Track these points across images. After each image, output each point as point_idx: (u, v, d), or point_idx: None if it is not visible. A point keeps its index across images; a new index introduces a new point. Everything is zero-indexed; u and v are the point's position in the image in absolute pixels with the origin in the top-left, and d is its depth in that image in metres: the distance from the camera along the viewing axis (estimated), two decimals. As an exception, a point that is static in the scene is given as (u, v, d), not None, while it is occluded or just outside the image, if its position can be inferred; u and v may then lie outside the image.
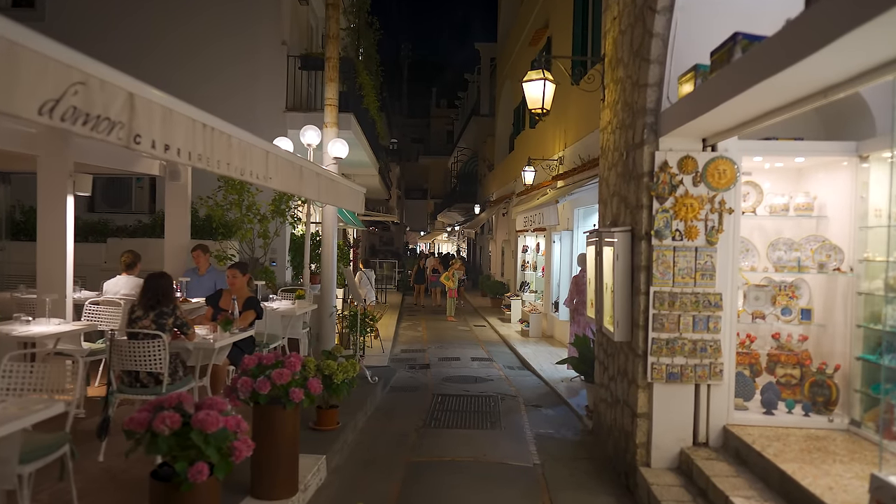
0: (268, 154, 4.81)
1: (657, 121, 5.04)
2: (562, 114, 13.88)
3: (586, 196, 11.23)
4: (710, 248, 4.95)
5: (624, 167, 5.71)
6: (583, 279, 9.50)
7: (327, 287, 9.40)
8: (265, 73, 11.55)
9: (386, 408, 7.80)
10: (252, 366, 4.47)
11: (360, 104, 13.22)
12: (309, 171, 5.76)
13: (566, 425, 7.22)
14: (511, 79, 22.46)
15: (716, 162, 4.92)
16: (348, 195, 7.16)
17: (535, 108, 6.88)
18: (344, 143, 8.58)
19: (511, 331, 15.26)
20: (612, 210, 6.21)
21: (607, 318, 5.83)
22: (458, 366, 10.99)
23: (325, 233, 9.38)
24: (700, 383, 5.00)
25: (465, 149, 35.66)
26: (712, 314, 4.96)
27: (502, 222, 22.89)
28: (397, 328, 15.50)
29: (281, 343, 7.11)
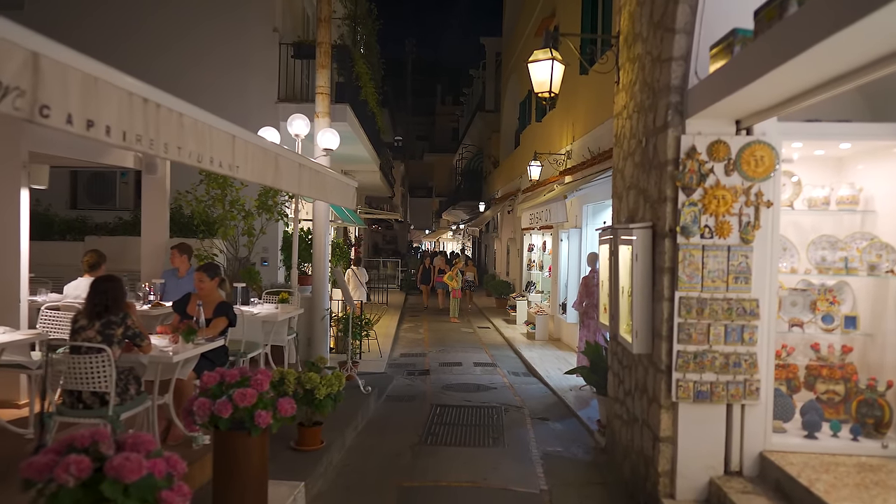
0: (234, 139, 4.16)
1: (683, 100, 4.38)
2: (570, 105, 13.20)
3: (596, 191, 10.56)
4: (745, 247, 4.29)
5: (643, 156, 5.05)
6: (593, 280, 8.84)
7: (319, 288, 8.77)
8: (255, 62, 10.91)
9: (379, 421, 7.16)
10: (212, 384, 3.83)
11: (357, 96, 12.58)
12: (287, 161, 5.12)
13: (576, 442, 6.57)
14: (516, 73, 21.78)
15: (752, 147, 4.25)
16: (336, 189, 6.52)
17: (541, 92, 6.22)
18: (335, 133, 7.94)
19: (516, 333, 14.60)
20: (628, 205, 5.54)
21: (623, 326, 5.17)
22: (459, 372, 10.35)
23: (317, 230, 8.75)
24: (733, 403, 4.34)
25: (471, 145, 35.03)
26: (747, 323, 4.29)
27: (507, 220, 22.22)
28: (398, 330, 14.86)
29: (262, 352, 6.48)
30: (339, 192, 6.71)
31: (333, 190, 6.47)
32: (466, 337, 14.52)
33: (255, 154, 4.52)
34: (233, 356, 5.82)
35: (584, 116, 11.93)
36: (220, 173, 4.25)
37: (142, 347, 4.12)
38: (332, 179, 6.44)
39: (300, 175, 5.47)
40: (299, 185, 5.48)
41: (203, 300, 5.25)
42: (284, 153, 5.10)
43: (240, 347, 5.88)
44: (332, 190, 6.44)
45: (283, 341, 6.98)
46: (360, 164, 17.09)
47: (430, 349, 12.61)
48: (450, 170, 47.40)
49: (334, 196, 6.53)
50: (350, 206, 7.03)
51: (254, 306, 6.77)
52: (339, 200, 6.75)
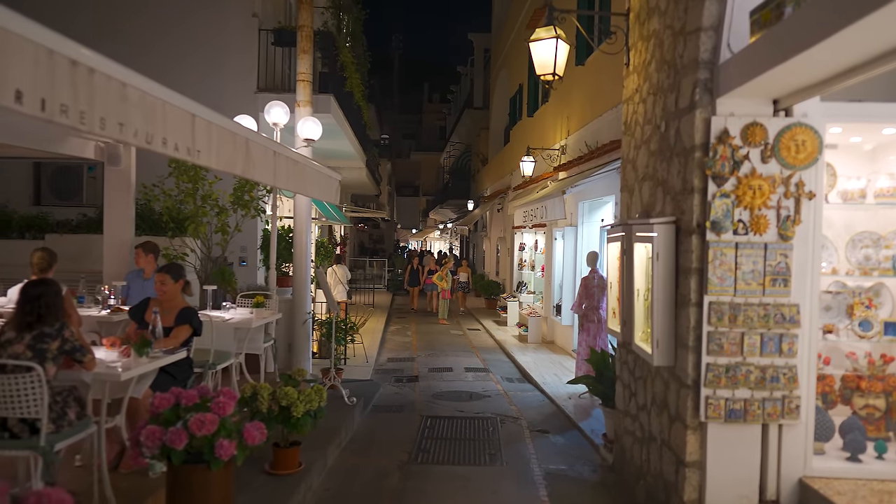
0: (194, 118, 3.56)
1: (713, 77, 3.82)
2: (564, 98, 12.66)
3: (593, 188, 10.03)
4: (784, 245, 3.74)
5: (661, 142, 4.49)
6: (593, 281, 8.31)
7: (300, 290, 8.15)
8: (233, 49, 10.26)
9: (364, 436, 6.56)
10: (165, 408, 3.22)
11: (342, 87, 11.96)
12: (260, 148, 4.52)
13: (581, 458, 6.01)
14: (506, 68, 21.25)
15: (792, 130, 3.71)
16: (317, 182, 5.92)
17: (544, 74, 5.65)
18: (317, 122, 7.33)
19: (508, 335, 14.04)
20: (641, 198, 4.99)
21: (640, 334, 4.61)
22: (450, 378, 9.77)
23: (298, 227, 8.13)
24: (769, 423, 3.79)
25: (458, 143, 34.46)
26: (786, 332, 3.75)
27: (497, 219, 21.68)
28: (385, 333, 14.25)
29: (235, 362, 5.86)
30: (321, 186, 6.11)
31: (314, 182, 5.87)
32: (456, 340, 13.94)
33: (222, 138, 3.91)
34: (200, 368, 5.20)
35: (581, 109, 11.40)
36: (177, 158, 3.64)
37: (84, 363, 3.50)
38: (313, 171, 5.83)
39: (276, 164, 4.87)
40: (275, 176, 4.88)
41: (164, 305, 4.63)
42: (257, 138, 4.49)
43: (208, 358, 5.26)
44: (313, 182, 5.84)
45: (258, 349, 6.36)
46: (345, 161, 16.44)
47: (419, 353, 12.02)
48: (437, 168, 46.87)
49: (315, 189, 5.93)
50: (333, 200, 6.43)
51: (226, 311, 6.14)
52: (320, 194, 6.15)
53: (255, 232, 9.65)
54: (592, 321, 8.26)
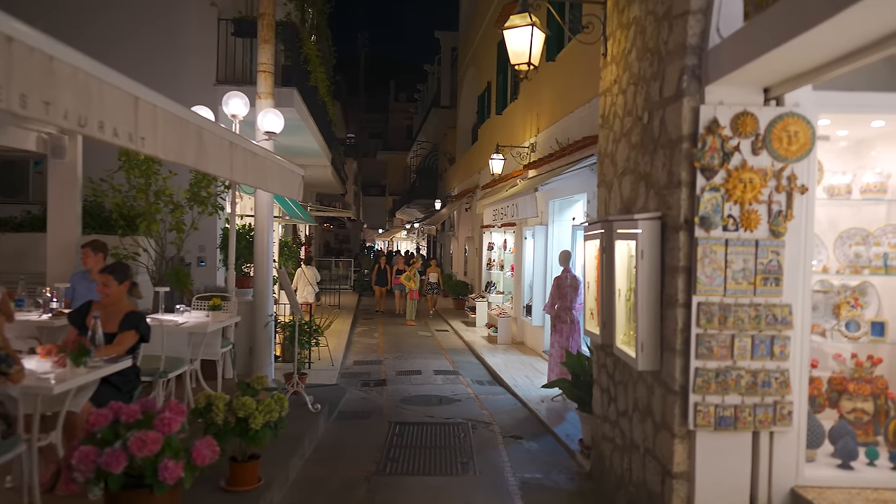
0: (137, 101, 3.20)
1: (702, 63, 3.60)
2: (534, 95, 12.47)
3: (563, 186, 9.84)
4: (776, 242, 3.54)
5: (644, 134, 4.27)
6: (566, 281, 8.09)
7: (262, 291, 7.76)
8: (190, 39, 9.80)
9: (330, 445, 6.22)
10: (101, 425, 2.86)
11: (305, 80, 11.55)
12: (214, 138, 4.16)
13: (556, 465, 5.77)
14: (474, 65, 21.02)
15: (784, 120, 3.51)
16: (279, 176, 5.56)
17: (519, 64, 5.39)
18: (278, 114, 6.95)
19: (477, 336, 13.79)
20: (621, 193, 4.76)
21: (621, 337, 4.38)
22: (419, 381, 9.46)
23: (259, 225, 7.74)
24: (760, 430, 3.58)
25: (425, 142, 34.17)
26: (778, 334, 3.54)
27: (465, 218, 21.44)
28: (351, 335, 13.88)
29: (189, 369, 5.45)
30: (283, 181, 5.75)
31: (275, 177, 5.51)
32: (424, 341, 13.64)
33: (170, 124, 3.55)
34: (149, 377, 4.80)
35: (551, 106, 11.21)
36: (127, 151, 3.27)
37: (9, 375, 3.10)
38: (274, 165, 5.47)
39: (232, 156, 4.51)
40: (231, 169, 4.52)
41: (108, 309, 4.23)
42: (211, 127, 4.13)
43: (159, 366, 4.86)
44: (274, 177, 5.48)
45: (215, 355, 5.96)
46: (309, 158, 15.99)
47: (387, 356, 11.68)
48: (404, 168, 46.54)
49: (277, 184, 5.57)
50: (296, 196, 6.08)
51: (179, 314, 5.74)
52: (282, 190, 5.79)
53: (215, 230, 9.21)
54: (565, 322, 8.05)
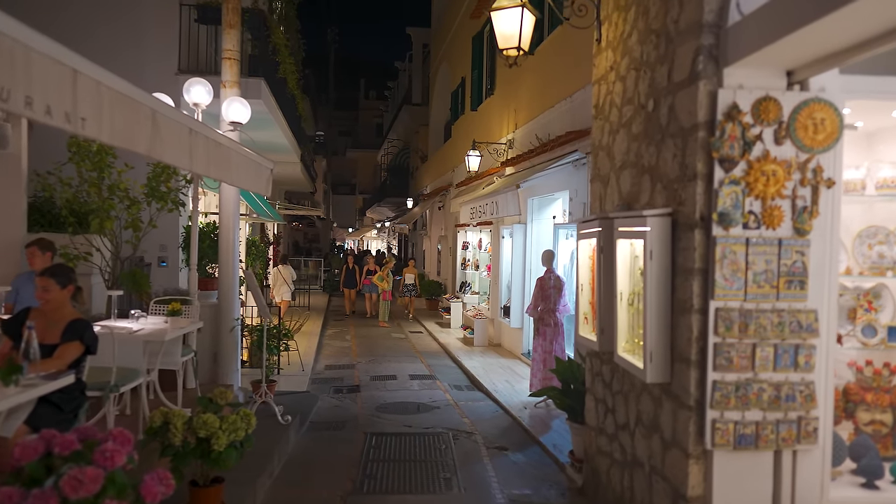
0: (75, 75, 2.73)
1: (720, 42, 3.24)
2: (511, 91, 12.12)
3: (543, 184, 9.50)
4: (801, 241, 3.21)
5: (648, 123, 3.91)
6: (549, 282, 7.75)
7: (227, 294, 7.26)
8: (150, 25, 9.22)
9: (301, 461, 5.75)
10: (29, 460, 2.38)
11: (274, 72, 11.02)
12: (170, 123, 3.68)
13: (546, 480, 5.40)
14: (448, 61, 20.62)
15: (810, 107, 3.18)
16: (245, 169, 5.08)
17: (507, 49, 5.00)
18: (244, 103, 6.46)
19: (452, 338, 13.40)
20: (620, 188, 4.40)
21: (623, 344, 4.01)
22: (394, 387, 9.03)
23: (224, 223, 7.23)
24: (783, 449, 3.25)
25: (397, 140, 33.67)
26: (803, 342, 3.21)
27: (438, 217, 21.04)
28: (321, 338, 13.36)
29: (145, 381, 4.94)
30: (249, 174, 5.26)
31: (241, 170, 5.03)
32: (398, 344, 13.19)
33: (117, 104, 3.08)
34: (99, 391, 4.29)
35: (530, 101, 10.86)
36: (53, 125, 2.78)
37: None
38: (240, 156, 4.99)
39: (192, 144, 4.03)
40: (191, 159, 4.04)
41: (49, 317, 3.72)
42: (167, 111, 3.66)
43: (109, 379, 4.35)
44: (240, 169, 5.00)
45: (175, 364, 5.45)
46: (278, 154, 15.41)
47: (359, 359, 11.21)
48: (374, 166, 45.99)
49: (243, 178, 5.09)
50: (264, 192, 5.60)
51: (134, 321, 5.22)
52: (249, 184, 5.31)
53: (177, 228, 8.63)
54: (549, 325, 7.70)
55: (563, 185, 9.00)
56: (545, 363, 7.68)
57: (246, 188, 5.60)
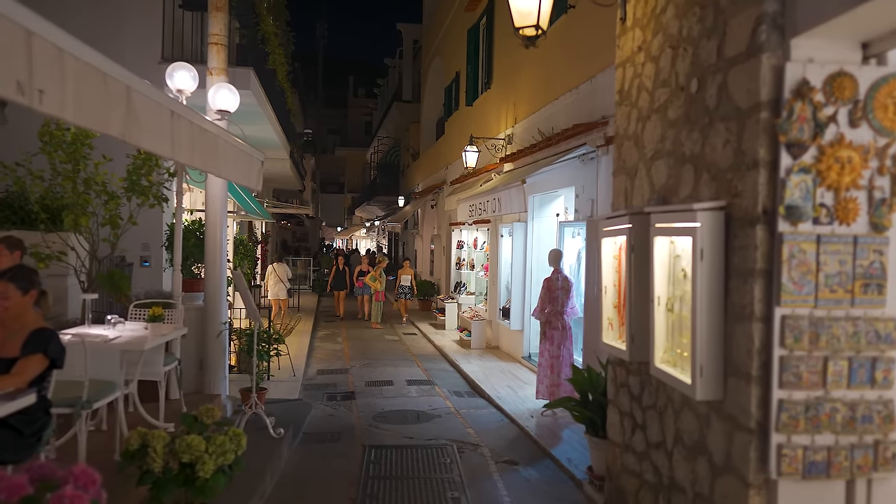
0: (29, 37, 2.26)
1: (786, 9, 2.82)
2: (510, 84, 11.69)
3: (545, 180, 9.05)
4: (879, 239, 2.79)
5: (690, 106, 3.48)
6: (556, 283, 7.32)
7: (214, 296, 6.76)
8: (132, 10, 8.70)
9: (296, 479, 5.28)
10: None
11: (263, 62, 10.53)
12: (149, 103, 3.21)
13: (563, 499, 4.96)
14: (441, 55, 20.17)
15: (889, 84, 2.76)
16: (233, 159, 4.61)
17: (524, 27, 4.56)
18: (233, 90, 5.98)
19: (448, 340, 12.95)
20: (651, 181, 3.97)
21: (661, 354, 3.58)
22: (391, 393, 8.56)
23: (211, 220, 6.74)
24: (857, 478, 2.83)
25: (387, 138, 33.16)
26: (881, 355, 2.79)
27: (430, 215, 20.57)
28: (312, 340, 12.86)
29: (122, 394, 4.44)
30: (239, 165, 4.79)
31: (230, 160, 4.55)
32: (392, 346, 12.72)
33: (84, 77, 2.61)
34: (69, 408, 3.80)
35: (531, 94, 10.43)
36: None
37: None
38: (228, 145, 4.51)
39: (174, 128, 3.56)
40: (172, 145, 3.56)
41: (8, 327, 3.23)
42: (145, 89, 3.19)
43: (81, 394, 3.86)
44: (228, 160, 4.52)
45: (156, 375, 4.96)
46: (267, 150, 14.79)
47: (353, 363, 10.73)
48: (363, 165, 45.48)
49: (231, 169, 4.61)
50: (254, 185, 5.13)
51: (111, 327, 4.72)
52: (238, 176, 4.84)
53: (160, 226, 8.10)
54: (556, 328, 7.27)
55: (569, 181, 8.58)
56: (552, 369, 7.25)
57: (235, 181, 5.13)
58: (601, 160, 7.50)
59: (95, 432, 4.85)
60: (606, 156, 7.39)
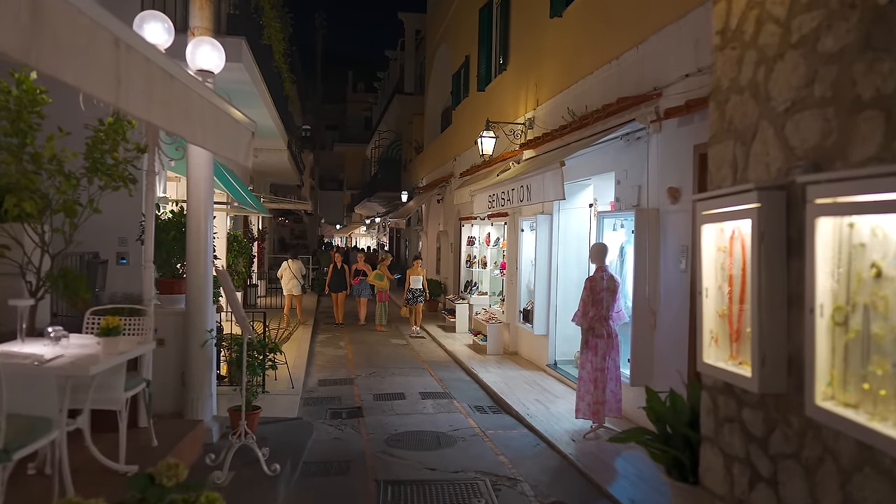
0: None
1: None
2: (530, 63, 10.59)
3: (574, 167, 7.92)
4: None
5: (873, 28, 2.38)
6: (601, 282, 6.23)
7: (197, 299, 5.68)
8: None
9: (295, 531, 4.19)
10: None
11: (258, 36, 9.42)
12: (72, 14, 2.12)
13: (638, 561, 3.87)
14: (447, 42, 19.07)
15: None
16: (214, 123, 3.51)
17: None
18: (216, 46, 4.86)
19: (460, 345, 11.88)
20: (787, 143, 2.87)
21: (825, 388, 2.48)
22: (404, 409, 7.47)
23: (194, 208, 5.66)
24: None
25: (388, 132, 32.05)
26: None
27: (436, 210, 19.47)
28: (312, 344, 11.77)
29: (63, 433, 3.32)
30: (220, 131, 3.69)
31: (207, 122, 3.45)
32: (400, 351, 11.63)
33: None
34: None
35: (557, 72, 9.33)
36: None
37: None
38: (205, 102, 3.40)
39: (121, 63, 2.46)
40: (118, 87, 2.49)
41: None
42: (110, 23, 2.11)
43: (-5, 440, 2.74)
44: (205, 122, 3.41)
45: (114, 402, 3.84)
46: (263, 140, 13.80)
47: (358, 372, 9.63)
48: (362, 161, 44.49)
49: (209, 133, 3.51)
50: (241, 159, 4.03)
51: (51, 343, 3.61)
52: (219, 144, 3.74)
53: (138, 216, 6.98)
54: (601, 335, 6.18)
55: (607, 166, 7.49)
56: (596, 383, 6.16)
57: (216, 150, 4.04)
58: (651, 139, 6.41)
59: (36, 477, 3.75)
60: (658, 134, 6.31)
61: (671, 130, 6.10)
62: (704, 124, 5.56)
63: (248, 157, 4.21)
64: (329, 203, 51.49)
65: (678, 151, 5.98)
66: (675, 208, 6.02)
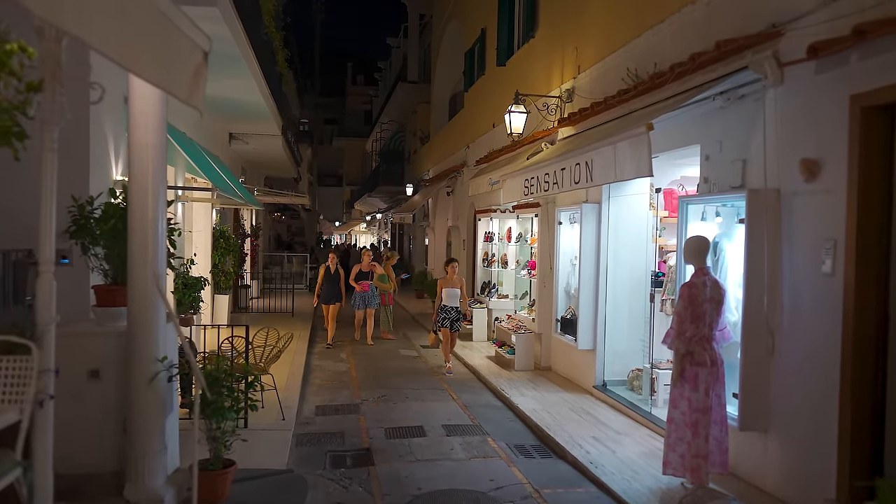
0: None
1: None
2: (567, 24, 8.89)
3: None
4: None
5: None
6: (703, 290, 4.55)
7: (143, 315, 4.00)
8: None
9: None
10: None
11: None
12: None
13: None
14: (458, 18, 17.34)
15: None
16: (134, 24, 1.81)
17: None
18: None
19: (481, 357, 10.21)
20: None
21: None
22: (426, 453, 5.77)
23: (137, 186, 3.98)
24: None
25: (390, 122, 30.35)
26: None
27: (444, 204, 17.75)
28: (309, 356, 10.04)
29: None
30: (143, 38, 1.98)
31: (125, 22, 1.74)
32: (412, 366, 9.92)
33: None
34: None
35: (608, 28, 7.63)
36: None
37: None
38: None
39: None
40: None
41: None
42: None
43: None
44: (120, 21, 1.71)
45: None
46: (253, 122, 12.08)
47: (364, 394, 7.93)
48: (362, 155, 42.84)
49: (124, 41, 1.80)
50: (182, 93, 2.33)
51: None
52: (139, 62, 2.03)
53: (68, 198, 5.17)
54: (703, 363, 4.49)
55: (689, 138, 5.80)
56: (696, 429, 4.48)
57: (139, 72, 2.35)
58: (767, 96, 4.71)
59: None
60: (780, 87, 4.61)
61: (804, 80, 4.40)
62: (869, 64, 3.88)
63: (194, 92, 2.51)
64: (328, 199, 49.75)
65: (818, 108, 4.28)
66: (810, 188, 4.33)
